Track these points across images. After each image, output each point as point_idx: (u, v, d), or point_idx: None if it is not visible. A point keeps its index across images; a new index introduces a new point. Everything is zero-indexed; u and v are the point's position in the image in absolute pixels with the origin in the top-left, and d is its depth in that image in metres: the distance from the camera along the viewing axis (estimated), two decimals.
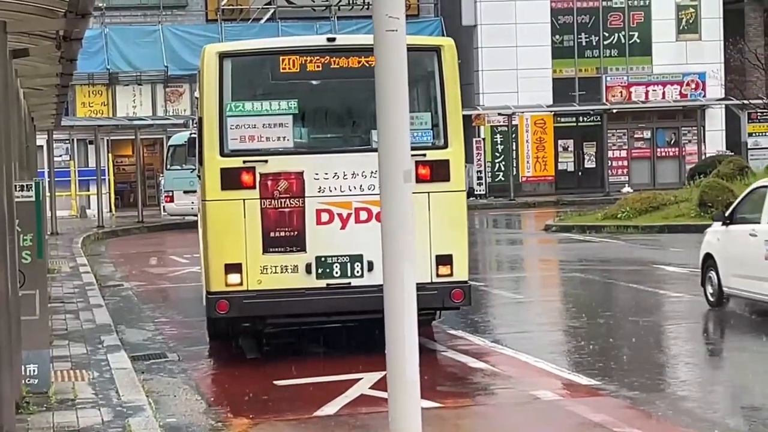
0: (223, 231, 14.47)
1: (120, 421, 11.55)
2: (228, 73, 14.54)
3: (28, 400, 12.23)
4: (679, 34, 55.72)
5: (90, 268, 29.17)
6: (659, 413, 11.98)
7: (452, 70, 14.85)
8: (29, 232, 12.75)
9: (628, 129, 56.59)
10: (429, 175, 14.41)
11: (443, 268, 14.44)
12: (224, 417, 12.56)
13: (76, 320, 19.37)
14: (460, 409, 12.41)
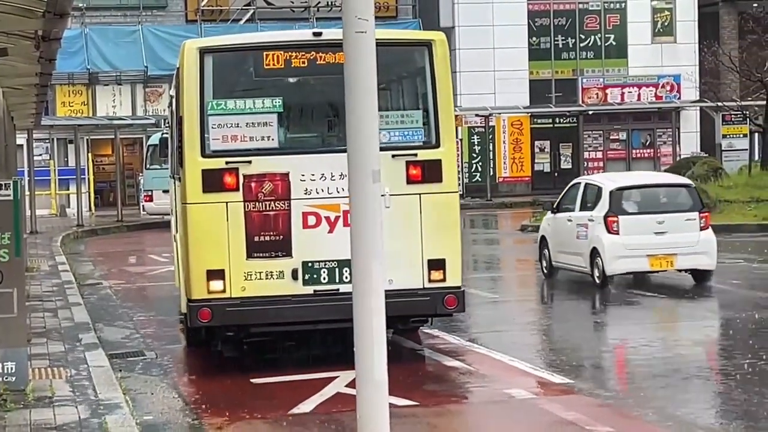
0: (204, 236, 13.70)
1: (97, 419, 11.54)
2: (209, 69, 13.80)
3: (5, 398, 12.21)
4: (655, 37, 55.85)
5: (69, 266, 29.11)
6: (629, 410, 12.01)
7: (444, 65, 14.15)
8: (6, 231, 12.73)
9: (603, 130, 56.69)
10: (420, 176, 13.84)
11: (436, 273, 13.81)
12: (201, 415, 12.56)
13: (55, 318, 19.34)
14: (435, 408, 12.41)
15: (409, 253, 13.61)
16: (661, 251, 21.14)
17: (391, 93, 15.36)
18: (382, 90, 14.83)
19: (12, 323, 12.89)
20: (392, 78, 15.07)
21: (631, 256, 21.01)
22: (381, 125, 13.48)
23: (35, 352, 15.29)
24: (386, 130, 13.79)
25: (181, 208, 14.12)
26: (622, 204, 21.60)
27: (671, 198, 22.56)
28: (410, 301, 13.60)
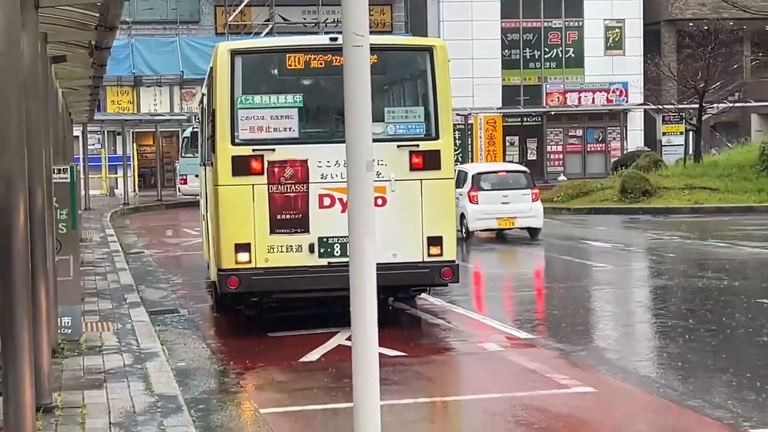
0: (233, 213, 13.49)
1: (139, 365, 11.55)
2: (239, 69, 13.59)
3: (62, 347, 12.24)
4: (607, 50, 55.77)
5: (116, 238, 29.12)
6: (583, 361, 12.03)
7: (443, 68, 13.94)
8: (65, 208, 12.77)
9: (563, 128, 56.63)
10: (421, 164, 13.63)
11: (434, 248, 13.54)
12: (225, 362, 12.58)
13: (104, 281, 19.35)
14: (420, 358, 12.42)
15: (411, 231, 13.50)
16: (506, 215, 26.33)
17: (397, 91, 15.26)
18: (389, 88, 15.05)
19: (68, 285, 12.92)
20: (398, 78, 14.96)
21: (485, 218, 26.42)
22: (387, 119, 13.70)
23: (88, 309, 15.31)
24: (392, 123, 13.73)
25: (213, 189, 13.93)
26: (480, 183, 27.02)
27: (514, 180, 27.68)
28: (412, 272, 13.56)
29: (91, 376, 11.01)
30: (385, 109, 13.90)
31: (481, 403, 10.22)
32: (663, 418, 9.69)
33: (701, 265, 20.78)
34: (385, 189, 13.36)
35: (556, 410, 10.01)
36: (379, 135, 13.14)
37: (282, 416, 9.91)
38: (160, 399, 9.87)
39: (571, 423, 9.61)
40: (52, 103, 13.79)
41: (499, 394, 10.66)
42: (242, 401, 10.53)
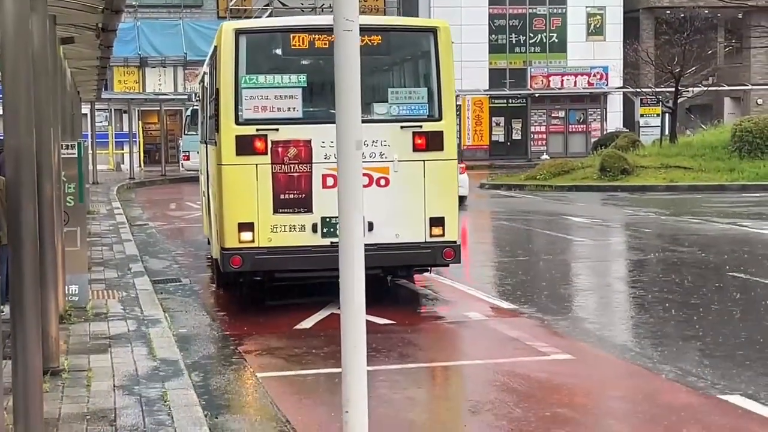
0: (237, 193, 12.84)
1: (142, 331, 11.57)
2: (243, 48, 12.87)
3: (70, 313, 12.24)
4: (588, 36, 55.79)
5: (122, 210, 29.09)
6: (562, 330, 12.06)
7: (447, 49, 13.25)
8: (72, 182, 12.77)
9: (546, 110, 56.70)
10: (424, 145, 12.99)
11: (436, 229, 12.97)
12: (224, 329, 12.59)
13: (110, 251, 19.35)
14: (408, 326, 12.43)
15: (413, 212, 12.99)
16: None
17: (401, 72, 14.58)
18: (393, 69, 14.44)
19: (76, 255, 12.94)
20: (402, 59, 14.28)
21: None
22: (391, 100, 13.17)
23: (94, 277, 15.31)
24: (396, 104, 13.18)
25: (217, 168, 13.34)
26: None
27: None
28: (414, 252, 13.08)
29: (97, 341, 11.03)
30: (388, 90, 13.44)
31: (464, 369, 10.25)
32: (637, 384, 9.72)
33: (676, 240, 20.80)
34: (388, 170, 12.94)
35: (536, 376, 10.03)
36: (382, 116, 13.05)
37: (277, 380, 9.93)
38: (162, 363, 9.90)
39: (550, 388, 9.63)
40: (60, 83, 13.73)
41: (482, 361, 10.69)
42: (240, 366, 10.54)
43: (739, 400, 8.80)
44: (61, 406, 8.32)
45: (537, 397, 9.33)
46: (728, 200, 30.00)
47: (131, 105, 48.55)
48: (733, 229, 22.37)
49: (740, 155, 36.78)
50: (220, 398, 9.21)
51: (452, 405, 9.46)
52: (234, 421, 8.41)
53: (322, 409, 8.80)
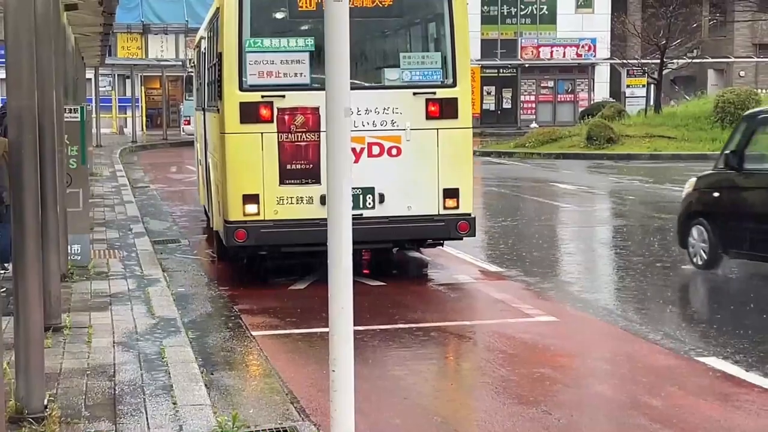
0: (241, 163, 11.85)
1: (141, 289, 11.57)
2: (248, 10, 11.78)
3: (72, 272, 12.24)
4: (577, 8, 55.67)
5: (125, 173, 29.09)
6: (547, 293, 12.08)
7: (462, 12, 12.15)
8: (75, 145, 12.72)
9: (536, 79, 56.66)
10: (438, 113, 11.99)
11: (450, 201, 12.06)
12: (221, 288, 12.57)
13: (112, 212, 19.35)
14: (398, 287, 12.43)
15: (426, 183, 12.03)
16: None
17: (413, 35, 13.39)
18: (405, 32, 13.39)
19: (78, 215, 12.91)
20: (414, 21, 13.11)
21: None
22: (404, 65, 12.20)
23: (96, 237, 15.31)
24: (408, 69, 12.20)
25: (219, 137, 12.35)
26: None
27: None
28: (427, 225, 12.16)
29: (98, 299, 11.03)
30: (400, 55, 12.47)
31: (452, 329, 10.26)
32: (618, 345, 9.75)
33: (658, 207, 20.80)
34: (400, 138, 11.98)
35: (521, 337, 10.05)
36: (394, 82, 12.20)
37: (271, 338, 9.94)
38: (161, 321, 9.91)
39: (534, 348, 9.65)
40: (62, 48, 13.63)
41: (469, 322, 10.71)
42: (236, 325, 10.54)
43: (714, 362, 8.82)
44: (62, 362, 8.33)
45: (522, 357, 9.35)
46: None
47: (134, 71, 48.50)
48: None
49: (722, 125, 36.75)
50: (216, 355, 9.21)
51: (439, 364, 9.47)
52: (229, 378, 8.41)
53: (313, 366, 8.81)
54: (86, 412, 7.01)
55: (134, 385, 7.64)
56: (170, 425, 6.70)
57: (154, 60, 51.06)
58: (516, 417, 7.49)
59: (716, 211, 12.87)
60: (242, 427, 6.84)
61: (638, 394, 7.99)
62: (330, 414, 4.76)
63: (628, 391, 8.15)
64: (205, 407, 7.10)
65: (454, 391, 8.40)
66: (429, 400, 8.00)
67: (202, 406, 7.12)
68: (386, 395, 8.04)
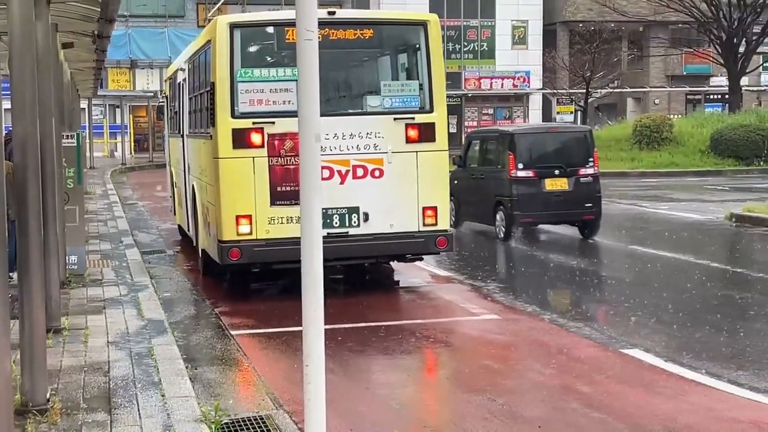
0: (234, 186, 11.25)
1: (132, 294, 11.49)
2: (238, 42, 11.29)
3: (70, 280, 12.14)
4: (513, 45, 55.90)
5: (115, 191, 28.85)
6: (491, 295, 12.11)
7: (437, 42, 11.77)
8: (72, 167, 12.63)
9: (478, 107, 56.78)
10: (417, 137, 11.58)
11: (429, 218, 11.63)
12: (203, 293, 12.51)
13: (105, 226, 19.19)
14: (364, 291, 12.43)
15: (407, 202, 11.60)
16: None
17: (393, 65, 12.73)
18: (385, 62, 12.79)
19: (75, 229, 12.81)
20: (393, 52, 12.58)
21: None
22: (384, 93, 11.78)
23: (91, 249, 15.18)
24: (389, 96, 11.73)
25: (212, 162, 11.66)
26: None
27: None
28: (408, 242, 11.69)
29: (93, 303, 10.94)
30: (381, 83, 12.07)
31: (407, 326, 10.26)
32: (551, 339, 9.79)
33: None
34: (383, 161, 11.53)
35: (468, 332, 10.09)
36: (376, 108, 11.73)
37: (248, 337, 9.90)
38: (149, 323, 9.83)
39: (480, 343, 9.69)
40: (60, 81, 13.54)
41: (423, 320, 10.71)
42: (216, 325, 10.48)
43: (637, 353, 8.89)
44: (62, 360, 8.25)
45: (469, 350, 9.38)
46: (629, 185, 30.26)
47: (123, 101, 48.34)
48: (633, 209, 22.59)
49: (640, 147, 37.12)
50: (199, 353, 9.16)
51: (396, 358, 9.47)
52: (211, 372, 8.37)
53: (286, 361, 8.79)
54: (84, 404, 6.95)
55: (127, 380, 7.58)
56: (159, 415, 6.65)
57: (141, 91, 50.80)
58: (465, 403, 7.50)
59: (454, 193, 16.96)
60: (223, 415, 6.81)
61: (570, 381, 8.04)
62: (304, 404, 4.75)
63: (561, 379, 8.20)
64: (191, 399, 7.06)
65: (411, 382, 8.41)
66: (388, 389, 8.00)
67: (188, 398, 7.07)
68: (351, 386, 8.03)
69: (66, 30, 12.61)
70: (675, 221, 19.91)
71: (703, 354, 8.86)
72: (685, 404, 7.36)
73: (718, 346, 9.26)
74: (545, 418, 7.07)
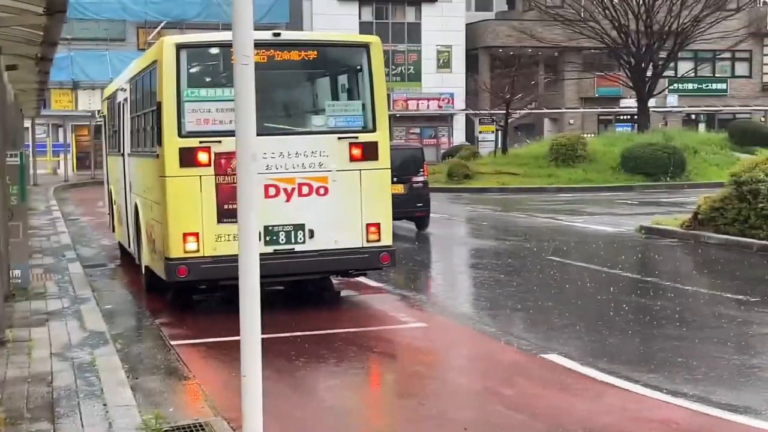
0: (181, 204, 10.77)
1: (75, 307, 11.28)
2: (184, 62, 10.88)
3: (14, 293, 11.88)
4: (438, 69, 56.21)
5: (58, 207, 28.36)
6: (418, 304, 12.13)
7: (379, 64, 11.51)
8: (15, 184, 12.38)
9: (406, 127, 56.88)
10: (361, 155, 11.28)
11: (372, 234, 11.33)
12: (144, 305, 12.34)
13: (48, 241, 18.83)
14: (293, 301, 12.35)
15: (351, 219, 11.28)
16: None
17: (336, 85, 12.36)
18: (329, 82, 12.43)
19: (19, 245, 12.54)
20: (337, 72, 12.22)
21: None
22: (328, 113, 11.49)
23: (34, 263, 14.88)
24: (333, 116, 11.43)
25: (159, 180, 11.12)
26: None
27: None
28: (352, 257, 11.38)
29: (37, 316, 10.71)
30: (326, 103, 11.77)
31: (340, 335, 10.22)
32: (476, 345, 9.84)
33: (506, 231, 21.14)
34: (327, 179, 11.15)
35: (397, 340, 10.08)
36: (320, 127, 11.40)
37: (188, 347, 9.77)
38: (91, 334, 9.66)
39: (409, 349, 9.69)
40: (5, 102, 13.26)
41: (355, 329, 10.66)
42: (157, 336, 10.33)
43: (555, 358, 8.96)
44: (6, 371, 8.05)
45: (399, 356, 9.38)
46: (547, 199, 30.60)
47: (66, 120, 47.69)
48: (550, 222, 22.83)
49: (556, 164, 37.56)
50: (140, 363, 9.01)
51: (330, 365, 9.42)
52: (151, 381, 8.23)
53: (225, 370, 8.68)
54: (28, 414, 6.79)
55: (69, 390, 7.43)
56: (101, 424, 6.53)
57: (83, 111, 50.11)
58: (395, 407, 7.49)
59: None
60: (164, 423, 6.70)
61: (494, 385, 8.07)
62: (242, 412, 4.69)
63: (485, 382, 8.23)
64: (132, 407, 6.94)
65: (343, 387, 8.36)
66: (322, 394, 7.95)
67: (129, 407, 6.95)
68: (286, 391, 7.96)
69: (10, 53, 12.38)
70: (590, 233, 20.18)
71: (616, 358, 8.97)
72: (602, 405, 7.43)
73: (630, 350, 9.38)
74: (471, 420, 7.09)
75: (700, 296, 12.39)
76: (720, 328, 10.33)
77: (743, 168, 17.49)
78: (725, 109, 60.31)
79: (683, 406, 7.32)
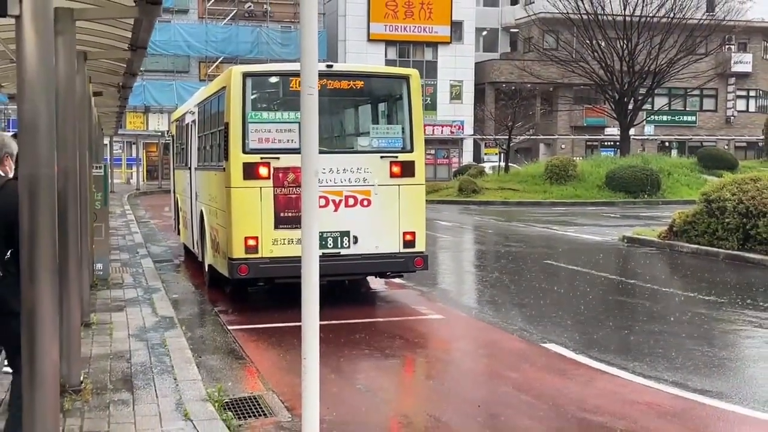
0: (243, 211, 10.72)
1: (148, 295, 11.32)
2: (249, 88, 10.87)
3: (97, 284, 11.93)
4: (451, 100, 56.14)
5: (132, 211, 28.48)
6: (436, 299, 12.09)
7: (417, 93, 11.40)
8: (99, 191, 12.44)
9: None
10: (400, 172, 11.18)
11: (408, 241, 11.22)
12: (205, 295, 12.35)
13: (124, 240, 18.92)
14: (333, 296, 12.33)
15: (390, 227, 11.18)
16: None
17: (380, 111, 12.26)
18: (374, 108, 12.28)
19: (102, 243, 12.64)
20: (381, 99, 12.12)
21: None
22: (372, 135, 11.38)
23: (113, 258, 14.96)
24: (376, 138, 11.31)
25: (225, 191, 11.03)
26: None
27: None
28: (390, 261, 11.25)
29: (116, 303, 10.76)
30: (370, 126, 11.69)
31: (370, 324, 10.21)
32: (484, 334, 9.79)
33: (508, 237, 21.03)
34: (370, 192, 11.07)
35: (418, 328, 10.04)
36: (365, 147, 11.26)
37: (243, 331, 9.77)
38: (162, 319, 9.68)
39: (428, 336, 9.66)
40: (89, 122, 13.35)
41: (382, 319, 10.66)
42: (216, 321, 10.35)
43: (553, 347, 8.91)
44: (92, 349, 8.08)
45: (420, 343, 9.33)
46: (543, 212, 30.45)
47: (138, 138, 47.96)
48: (545, 231, 22.72)
49: (551, 182, 37.41)
50: (203, 344, 9.02)
51: (362, 349, 9.40)
52: (213, 360, 8.24)
53: (274, 351, 8.68)
54: (111, 385, 6.81)
55: (145, 366, 7.45)
56: (173, 395, 6.53)
57: (153, 131, 50.48)
58: (419, 386, 7.46)
59: None
60: (224, 395, 6.71)
61: (502, 369, 8.02)
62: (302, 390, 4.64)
63: (493, 366, 8.19)
64: (198, 381, 6.94)
65: (373, 369, 8.34)
66: (356, 375, 7.93)
67: (195, 381, 6.96)
68: (325, 371, 7.94)
69: (97, 81, 12.47)
70: (579, 241, 20.06)
71: (606, 348, 8.89)
72: (594, 389, 7.37)
73: (617, 341, 9.30)
74: (483, 399, 7.04)
75: (675, 297, 12.28)
76: (693, 324, 10.23)
77: (712, 188, 17.35)
78: (694, 138, 59.97)
79: (665, 391, 7.25)
